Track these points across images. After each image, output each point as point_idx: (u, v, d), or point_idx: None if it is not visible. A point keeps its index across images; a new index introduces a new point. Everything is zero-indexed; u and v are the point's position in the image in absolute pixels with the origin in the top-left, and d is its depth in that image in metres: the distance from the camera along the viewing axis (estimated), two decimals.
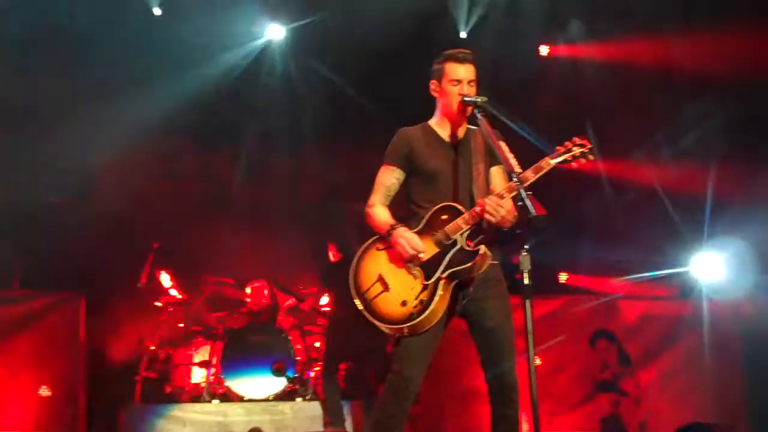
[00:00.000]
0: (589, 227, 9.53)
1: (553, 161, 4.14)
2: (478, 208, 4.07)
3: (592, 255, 9.97)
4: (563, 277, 10.40)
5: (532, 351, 3.65)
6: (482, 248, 4.14)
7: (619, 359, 9.72)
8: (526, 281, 3.64)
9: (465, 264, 4.14)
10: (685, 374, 9.36)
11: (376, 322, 4.16)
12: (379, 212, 4.32)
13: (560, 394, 9.50)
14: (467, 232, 4.17)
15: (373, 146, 4.99)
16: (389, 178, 4.38)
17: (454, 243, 4.16)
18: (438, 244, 4.19)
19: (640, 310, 9.93)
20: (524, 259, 3.65)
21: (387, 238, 4.21)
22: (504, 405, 4.25)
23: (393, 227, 4.19)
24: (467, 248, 4.14)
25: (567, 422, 9.35)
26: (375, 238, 4.33)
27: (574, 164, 4.22)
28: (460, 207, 4.23)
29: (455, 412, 8.66)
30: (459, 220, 4.16)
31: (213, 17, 8.30)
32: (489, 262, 4.22)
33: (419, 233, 4.23)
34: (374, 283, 4.22)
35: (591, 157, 4.24)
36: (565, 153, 4.18)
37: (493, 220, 4.05)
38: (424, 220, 4.25)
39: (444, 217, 4.23)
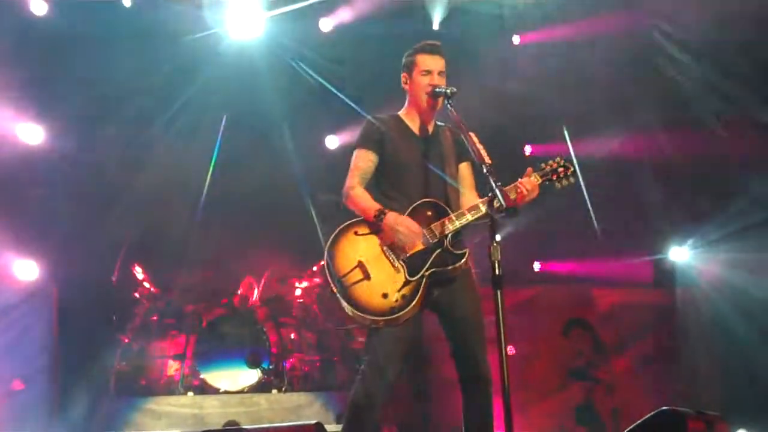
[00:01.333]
0: (564, 215, 9.54)
1: (539, 178, 4.33)
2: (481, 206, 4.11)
3: (567, 243, 10.00)
4: (537, 266, 10.44)
5: (503, 341, 3.67)
6: (467, 252, 4.19)
7: (593, 347, 9.78)
8: (496, 272, 3.65)
9: (450, 265, 4.20)
10: (658, 362, 9.43)
11: (352, 309, 4.14)
12: (362, 194, 4.31)
13: (534, 383, 9.56)
14: (451, 234, 4.20)
15: None
16: (365, 161, 4.40)
17: (440, 243, 4.19)
18: (423, 240, 4.20)
19: (614, 298, 9.99)
20: (494, 249, 3.66)
21: (376, 222, 4.18)
22: (476, 394, 4.30)
23: (382, 212, 4.17)
24: (452, 250, 4.18)
25: (541, 410, 9.41)
26: (353, 221, 4.32)
27: (556, 184, 4.37)
28: (443, 205, 4.28)
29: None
30: (447, 222, 4.21)
31: None
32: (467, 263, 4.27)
33: None
34: (353, 269, 4.19)
35: (572, 180, 4.35)
36: (550, 172, 4.36)
37: (527, 199, 4.23)
38: (406, 213, 4.27)
39: (429, 213, 4.26)
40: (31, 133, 7.80)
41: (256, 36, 8.77)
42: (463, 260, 4.22)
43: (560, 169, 4.39)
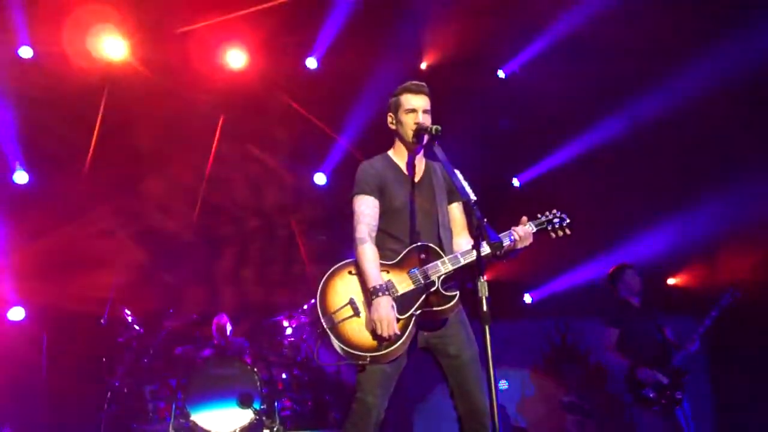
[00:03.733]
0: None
1: (533, 227, 4.40)
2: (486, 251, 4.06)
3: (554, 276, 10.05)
4: (528, 299, 10.47)
5: (492, 376, 3.67)
6: (458, 294, 4.22)
7: (583, 380, 9.79)
8: (484, 308, 3.65)
9: (441, 306, 4.24)
10: None
11: (341, 346, 4.16)
12: (370, 257, 4.27)
13: (526, 416, 9.56)
14: (444, 276, 4.23)
15: None
16: (370, 208, 4.42)
17: (432, 284, 4.22)
18: (415, 281, 4.24)
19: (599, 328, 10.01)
20: (482, 286, 3.67)
21: (370, 295, 4.16)
22: (475, 430, 4.28)
23: (379, 291, 4.14)
24: (444, 291, 4.21)
25: None
26: (349, 261, 4.36)
27: (552, 234, 4.46)
28: (438, 249, 4.32)
29: None
30: (440, 264, 4.26)
31: None
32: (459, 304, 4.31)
33: (395, 266, 4.31)
34: (344, 306, 4.23)
35: (568, 231, 4.43)
36: (545, 222, 4.44)
37: (520, 246, 4.28)
38: (400, 256, 4.33)
39: (422, 256, 4.31)
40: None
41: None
42: (453, 302, 4.26)
43: (556, 220, 4.46)
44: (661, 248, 9.58)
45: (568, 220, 4.48)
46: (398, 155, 4.58)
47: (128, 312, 8.31)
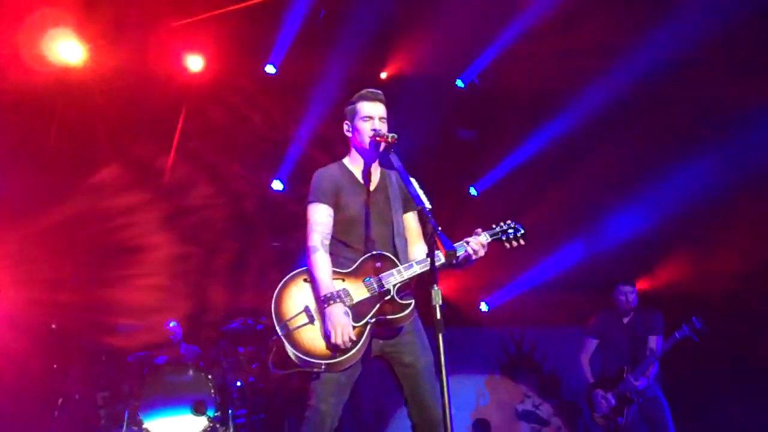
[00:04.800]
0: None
1: (488, 238, 4.43)
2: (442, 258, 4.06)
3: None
4: (484, 307, 10.53)
5: (446, 383, 3.68)
6: (413, 302, 4.24)
7: (539, 388, 9.87)
8: (438, 316, 3.66)
9: (396, 315, 4.25)
10: None
11: (295, 353, 4.14)
12: (323, 265, 4.25)
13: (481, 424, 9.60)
14: (399, 285, 4.24)
15: None
16: (324, 216, 4.40)
17: (387, 292, 4.22)
18: (370, 289, 4.25)
19: (557, 336, 10.11)
20: (435, 294, 3.68)
21: (322, 304, 4.15)
22: None
23: (332, 299, 4.14)
24: (399, 300, 4.22)
25: None
26: (303, 269, 4.34)
27: (506, 245, 4.50)
28: (393, 258, 4.34)
29: None
30: (395, 273, 4.28)
31: None
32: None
33: (350, 274, 4.31)
34: (299, 313, 4.22)
35: (522, 242, 4.47)
36: (499, 232, 4.48)
37: (474, 257, 4.32)
38: (356, 264, 4.34)
39: (378, 264, 4.32)
40: None
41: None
42: (408, 310, 4.27)
43: (510, 230, 4.50)
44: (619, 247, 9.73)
45: (522, 231, 4.53)
46: (354, 163, 4.59)
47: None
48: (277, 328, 4.19)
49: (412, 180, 4.19)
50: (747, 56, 8.15)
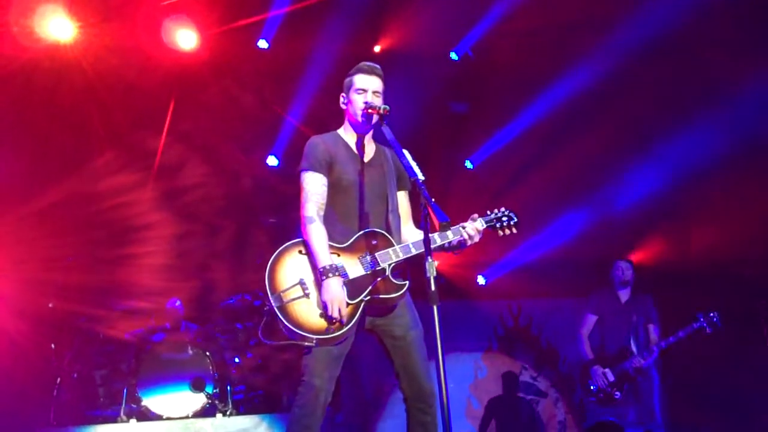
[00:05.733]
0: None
1: (483, 224, 4.46)
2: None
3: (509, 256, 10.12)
4: (481, 280, 10.54)
5: (441, 356, 3.69)
6: (407, 283, 4.25)
7: (536, 361, 9.91)
8: (432, 288, 3.66)
9: (389, 294, 4.25)
10: None
11: (287, 326, 4.12)
12: (320, 236, 4.24)
13: (479, 397, 9.64)
14: (394, 264, 4.24)
15: None
16: (318, 185, 4.38)
17: (382, 271, 4.22)
18: (365, 267, 4.25)
19: (555, 309, 10.15)
20: (430, 266, 3.68)
21: (320, 275, 4.14)
22: (421, 412, 4.33)
23: (330, 271, 4.12)
24: (393, 280, 4.21)
25: (485, 424, 9.49)
26: (299, 240, 4.31)
27: (500, 232, 4.52)
28: (388, 236, 4.33)
29: None
30: (391, 252, 4.27)
31: None
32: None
33: (346, 250, 4.30)
34: (294, 286, 4.20)
35: (515, 230, 4.49)
36: (494, 219, 4.50)
37: (469, 242, 4.36)
38: (351, 240, 4.32)
39: (374, 242, 4.32)
40: None
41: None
42: (402, 291, 4.28)
43: (504, 218, 4.50)
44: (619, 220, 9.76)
45: (515, 219, 4.54)
46: (348, 135, 4.58)
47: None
48: (270, 299, 4.15)
49: (405, 152, 4.18)
50: (739, 28, 8.12)
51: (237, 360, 8.33)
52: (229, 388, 7.85)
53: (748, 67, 8.14)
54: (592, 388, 7.73)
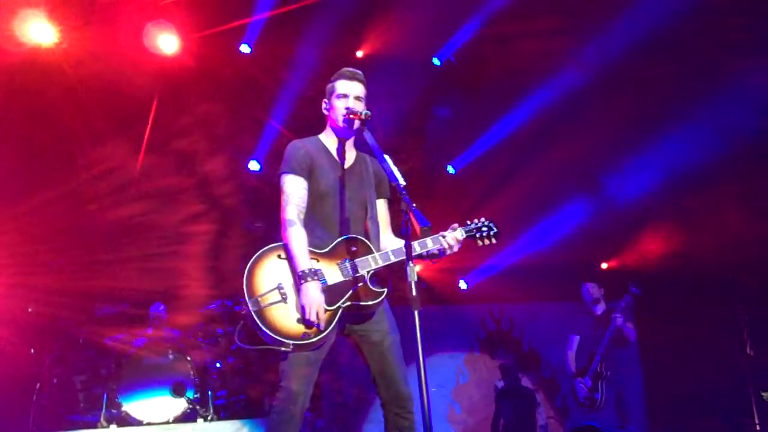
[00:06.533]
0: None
1: (463, 234, 4.45)
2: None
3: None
4: (463, 285, 10.56)
5: (423, 360, 3.69)
6: (385, 290, 4.25)
7: (518, 364, 9.92)
8: (413, 292, 3.66)
9: (368, 301, 4.23)
10: None
11: (266, 330, 4.09)
12: (300, 239, 4.21)
13: (460, 402, 9.65)
14: (373, 271, 4.24)
15: None
16: (299, 189, 4.36)
17: (361, 278, 4.22)
18: (344, 273, 4.23)
19: (536, 313, 10.18)
20: (411, 270, 3.68)
21: (299, 279, 4.12)
22: (399, 417, 4.31)
23: (309, 275, 4.10)
24: (372, 287, 4.21)
25: (466, 427, 9.50)
26: (278, 244, 4.28)
27: (479, 242, 4.51)
28: (368, 243, 4.32)
29: None
30: (370, 259, 4.27)
31: None
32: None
33: (325, 255, 4.28)
34: (271, 290, 4.17)
35: (494, 240, 4.51)
36: (474, 229, 4.48)
37: (449, 252, 4.37)
38: (330, 246, 4.31)
39: (353, 248, 4.30)
40: None
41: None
42: (380, 298, 4.27)
43: (484, 229, 4.51)
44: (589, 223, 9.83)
45: (495, 230, 4.53)
46: (329, 140, 4.57)
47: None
48: (248, 303, 4.11)
49: (386, 157, 4.17)
50: (735, 23, 8.18)
51: (218, 365, 8.31)
52: (210, 393, 7.82)
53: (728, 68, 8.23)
54: (580, 399, 8.05)
